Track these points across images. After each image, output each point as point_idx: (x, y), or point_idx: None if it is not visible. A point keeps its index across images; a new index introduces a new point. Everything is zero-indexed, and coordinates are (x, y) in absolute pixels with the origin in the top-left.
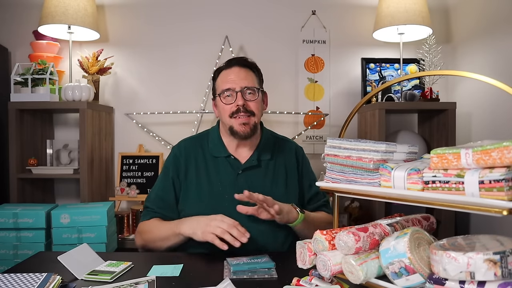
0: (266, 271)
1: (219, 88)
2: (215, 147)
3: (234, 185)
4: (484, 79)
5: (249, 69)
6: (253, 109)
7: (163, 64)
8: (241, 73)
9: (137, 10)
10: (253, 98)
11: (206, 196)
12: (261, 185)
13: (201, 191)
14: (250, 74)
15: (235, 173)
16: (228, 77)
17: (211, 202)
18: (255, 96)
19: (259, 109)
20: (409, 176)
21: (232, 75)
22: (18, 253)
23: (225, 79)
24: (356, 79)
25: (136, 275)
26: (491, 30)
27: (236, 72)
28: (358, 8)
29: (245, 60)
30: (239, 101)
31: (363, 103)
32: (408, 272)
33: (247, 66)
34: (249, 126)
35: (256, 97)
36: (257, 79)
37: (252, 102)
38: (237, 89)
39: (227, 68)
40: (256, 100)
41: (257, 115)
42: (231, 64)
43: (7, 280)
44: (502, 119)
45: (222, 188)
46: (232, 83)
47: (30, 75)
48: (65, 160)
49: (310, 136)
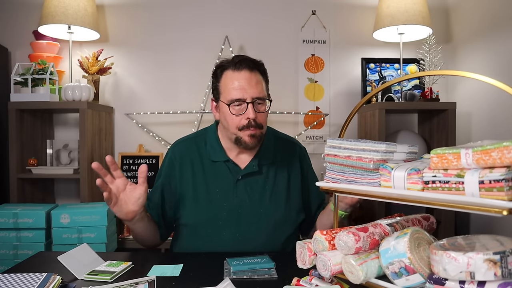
0: (266, 271)
1: (227, 94)
2: (214, 150)
3: (233, 193)
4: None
5: (258, 72)
6: (262, 122)
7: (163, 64)
8: (251, 79)
9: (137, 10)
10: (263, 109)
11: (203, 206)
12: (261, 193)
13: (198, 200)
14: (260, 80)
15: (234, 179)
16: (237, 82)
17: (209, 212)
18: (265, 107)
19: (266, 121)
20: (409, 176)
21: (242, 81)
22: (18, 253)
23: (233, 85)
24: (356, 79)
25: (136, 275)
26: (491, 30)
27: (246, 78)
28: (358, 8)
29: (254, 62)
30: (250, 114)
31: (363, 103)
32: (408, 272)
33: (257, 69)
34: (257, 138)
35: (266, 109)
36: (265, 84)
37: (262, 114)
38: (248, 100)
39: (235, 70)
40: (266, 112)
41: (264, 127)
42: (240, 67)
43: (7, 280)
44: (502, 119)
45: (220, 195)
46: (242, 92)
47: (30, 75)
48: (65, 160)
49: (310, 136)
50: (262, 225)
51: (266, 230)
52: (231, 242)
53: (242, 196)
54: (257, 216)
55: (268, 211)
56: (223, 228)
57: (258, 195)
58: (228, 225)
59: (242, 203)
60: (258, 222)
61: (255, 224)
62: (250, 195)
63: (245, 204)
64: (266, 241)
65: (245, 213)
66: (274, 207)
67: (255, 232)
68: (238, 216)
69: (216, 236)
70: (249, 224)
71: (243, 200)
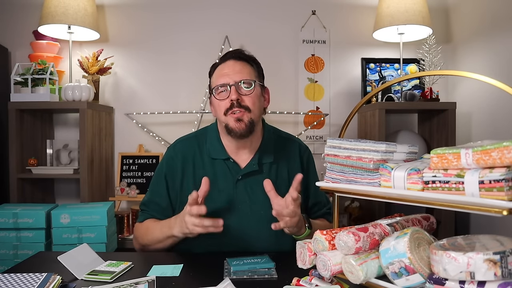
0: (266, 271)
1: (213, 84)
2: (213, 148)
3: (233, 193)
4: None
5: (245, 62)
6: (249, 104)
7: (163, 64)
8: (236, 66)
9: (137, 10)
10: (248, 92)
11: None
12: (262, 193)
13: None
14: (246, 67)
15: (234, 179)
16: (222, 71)
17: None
18: (251, 90)
19: (256, 104)
20: (409, 176)
21: (226, 68)
22: (18, 253)
23: (219, 73)
24: (356, 79)
25: (136, 275)
26: (491, 30)
27: (231, 66)
28: (358, 8)
29: (241, 52)
30: (232, 95)
31: (363, 103)
32: (408, 272)
33: (243, 59)
34: (244, 123)
35: (252, 91)
36: (255, 72)
37: (247, 97)
38: (231, 83)
39: (221, 62)
40: (251, 94)
41: (253, 111)
42: (226, 58)
43: (7, 280)
44: (502, 119)
45: (220, 194)
46: (226, 77)
47: (30, 75)
48: (65, 160)
49: (310, 136)
50: (262, 225)
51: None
52: (231, 241)
53: (242, 196)
54: (257, 216)
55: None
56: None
57: (258, 196)
58: (229, 224)
59: (242, 203)
60: (258, 221)
61: (256, 224)
62: (251, 195)
63: (245, 204)
64: (267, 240)
65: (246, 213)
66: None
67: (255, 232)
68: (239, 215)
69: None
70: (249, 224)
71: (243, 200)
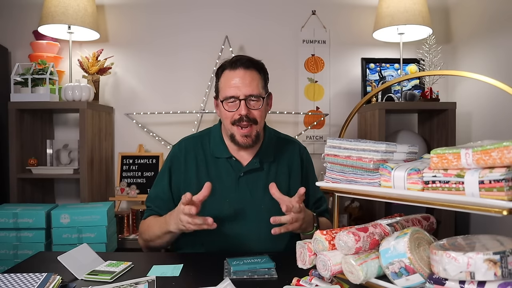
0: (266, 271)
1: (222, 92)
2: (217, 147)
3: (235, 188)
4: (484, 79)
5: (255, 71)
6: (256, 117)
7: (163, 64)
8: (246, 77)
9: (137, 10)
10: (257, 106)
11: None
12: (263, 189)
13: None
14: (255, 78)
15: (236, 176)
16: (232, 81)
17: (211, 206)
18: (259, 104)
19: (263, 116)
20: (409, 176)
21: (236, 79)
22: (18, 253)
23: (228, 83)
24: (356, 79)
25: (136, 275)
26: (491, 30)
27: (241, 76)
28: (358, 8)
29: (251, 61)
30: (242, 110)
31: (363, 103)
32: (408, 272)
33: (253, 67)
34: (251, 138)
35: (260, 106)
36: (263, 82)
37: (256, 111)
38: (241, 97)
39: (231, 69)
40: (260, 108)
41: (260, 123)
42: (236, 66)
43: (7, 280)
44: (502, 119)
45: (222, 191)
46: (236, 89)
47: (30, 75)
48: (65, 160)
49: (310, 136)
50: (263, 221)
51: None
52: (232, 237)
53: (244, 192)
54: (258, 212)
55: (269, 207)
56: (225, 223)
57: (259, 191)
58: (230, 220)
59: (243, 199)
60: (259, 217)
61: (256, 219)
62: (252, 191)
63: (246, 200)
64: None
65: (247, 209)
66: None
67: (256, 227)
68: (240, 211)
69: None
70: (250, 220)
71: (244, 196)
